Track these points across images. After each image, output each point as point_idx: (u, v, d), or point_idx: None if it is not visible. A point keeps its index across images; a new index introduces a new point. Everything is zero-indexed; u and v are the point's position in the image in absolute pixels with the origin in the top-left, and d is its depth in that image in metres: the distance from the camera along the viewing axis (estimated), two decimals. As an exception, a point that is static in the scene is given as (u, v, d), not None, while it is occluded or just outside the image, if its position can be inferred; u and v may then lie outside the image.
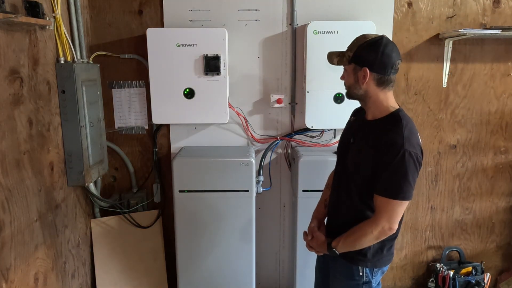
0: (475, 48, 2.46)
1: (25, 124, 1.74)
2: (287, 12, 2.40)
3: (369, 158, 1.45)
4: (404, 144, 1.39)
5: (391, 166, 1.40)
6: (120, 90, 2.49)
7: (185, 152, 2.40)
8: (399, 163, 1.39)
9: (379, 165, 1.43)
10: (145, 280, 2.53)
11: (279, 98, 2.46)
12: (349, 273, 1.60)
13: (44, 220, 1.91)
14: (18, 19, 1.55)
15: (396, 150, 1.39)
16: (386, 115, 1.49)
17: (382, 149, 1.42)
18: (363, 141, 1.53)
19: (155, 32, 2.25)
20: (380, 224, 1.44)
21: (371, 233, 1.46)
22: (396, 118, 1.47)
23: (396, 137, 1.41)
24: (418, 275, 2.80)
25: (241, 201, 2.27)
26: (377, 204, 1.46)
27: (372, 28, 2.25)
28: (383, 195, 1.43)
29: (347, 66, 1.52)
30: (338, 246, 1.55)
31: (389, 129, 1.45)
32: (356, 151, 1.54)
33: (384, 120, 1.49)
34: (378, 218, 1.45)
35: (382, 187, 1.44)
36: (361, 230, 1.49)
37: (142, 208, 2.59)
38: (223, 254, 2.34)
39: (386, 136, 1.43)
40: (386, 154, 1.40)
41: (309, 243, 1.69)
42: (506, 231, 2.73)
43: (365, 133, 1.54)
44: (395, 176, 1.41)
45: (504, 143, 2.61)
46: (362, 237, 1.48)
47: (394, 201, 1.42)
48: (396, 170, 1.40)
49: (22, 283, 1.71)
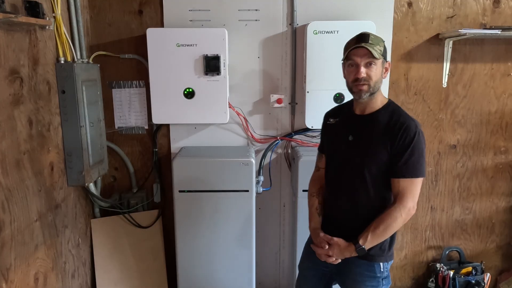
0: (475, 48, 2.46)
1: (25, 124, 1.74)
2: (287, 12, 2.40)
3: (385, 146, 1.51)
4: (416, 125, 1.51)
5: (410, 147, 1.48)
6: (120, 90, 2.49)
7: (185, 152, 2.40)
8: (416, 143, 1.48)
9: (398, 149, 1.49)
10: (145, 280, 2.53)
11: (279, 98, 2.46)
12: (371, 271, 1.62)
13: (44, 220, 1.91)
14: (18, 19, 1.55)
15: (412, 132, 1.48)
16: (385, 104, 1.58)
17: (398, 134, 1.49)
18: (369, 134, 1.56)
19: (155, 32, 2.24)
20: (407, 206, 1.50)
21: (400, 216, 1.50)
22: (396, 105, 1.59)
23: (408, 121, 1.51)
24: (418, 275, 2.80)
25: (241, 201, 2.27)
26: (401, 187, 1.51)
27: (372, 28, 2.25)
28: (406, 176, 1.50)
29: (379, 60, 1.51)
30: (366, 242, 1.54)
31: (396, 115, 1.54)
32: (365, 144, 1.56)
33: (386, 109, 1.57)
34: (404, 199, 1.50)
35: (404, 169, 1.49)
36: (390, 217, 1.51)
37: (142, 208, 2.59)
38: (223, 254, 2.34)
39: (399, 122, 1.51)
40: (404, 137, 1.48)
41: (327, 253, 1.61)
42: (506, 231, 2.73)
43: (367, 125, 1.57)
44: (415, 156, 1.48)
45: (504, 143, 2.61)
46: (393, 223, 1.51)
47: (417, 180, 1.50)
48: (415, 149, 1.48)
49: (22, 283, 1.71)
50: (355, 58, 1.51)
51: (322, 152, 1.79)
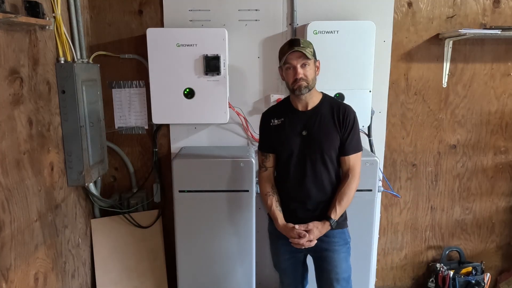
0: (475, 48, 2.46)
1: (25, 124, 1.74)
2: (287, 12, 2.40)
3: (336, 132, 1.77)
4: (351, 108, 1.80)
5: (353, 127, 1.78)
6: (120, 90, 2.49)
7: (185, 152, 2.40)
8: (356, 123, 1.80)
9: (345, 132, 1.77)
10: (145, 280, 2.53)
11: (279, 98, 2.46)
12: (343, 239, 1.86)
13: (44, 220, 1.91)
14: (18, 19, 1.55)
15: (352, 114, 1.79)
16: (321, 98, 1.83)
17: (343, 119, 1.77)
18: (320, 125, 1.78)
19: (155, 32, 2.25)
20: (358, 176, 1.81)
21: (355, 186, 1.79)
22: (329, 95, 1.87)
23: (345, 107, 1.80)
24: (418, 275, 2.80)
25: (241, 201, 2.27)
26: (352, 162, 1.80)
27: (372, 28, 2.25)
28: (354, 152, 1.79)
29: (311, 60, 1.73)
30: (336, 215, 1.78)
31: (335, 103, 1.82)
32: (320, 135, 1.78)
33: (325, 101, 1.82)
34: (356, 172, 1.80)
35: (351, 147, 1.79)
36: (349, 189, 1.78)
37: (142, 208, 2.59)
38: (223, 254, 2.34)
39: (340, 109, 1.78)
40: (348, 120, 1.77)
41: (308, 239, 1.74)
42: (506, 231, 2.73)
43: (315, 118, 1.79)
44: (357, 134, 1.80)
45: (504, 143, 2.61)
46: (351, 193, 1.79)
47: (360, 153, 1.82)
48: (356, 128, 1.80)
49: (22, 283, 1.71)
50: (291, 61, 1.72)
51: (268, 152, 1.90)
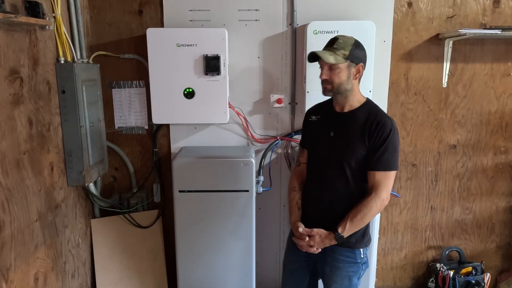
0: (475, 48, 2.46)
1: (25, 124, 1.74)
2: (287, 12, 2.40)
3: (363, 141, 1.63)
4: (391, 122, 1.64)
5: (386, 143, 1.61)
6: (120, 90, 2.49)
7: (185, 152, 2.40)
8: (391, 139, 1.61)
9: (374, 145, 1.62)
10: (145, 280, 2.53)
11: (279, 98, 2.46)
12: (352, 258, 1.73)
13: (44, 220, 1.91)
14: (18, 19, 1.55)
15: (388, 128, 1.61)
16: (363, 103, 1.70)
17: (375, 131, 1.61)
18: (348, 130, 1.67)
19: (155, 32, 2.24)
20: (381, 197, 1.63)
21: (375, 206, 1.63)
22: (374, 104, 1.72)
23: (384, 118, 1.64)
24: (418, 275, 2.80)
25: (241, 201, 2.27)
26: (376, 179, 1.63)
27: (372, 28, 2.25)
28: (382, 169, 1.63)
29: (343, 64, 1.63)
30: (345, 231, 1.65)
31: (373, 113, 1.66)
32: (345, 140, 1.67)
33: (364, 108, 1.69)
34: (379, 191, 1.63)
35: (380, 163, 1.62)
36: (366, 207, 1.63)
37: (142, 208, 2.59)
38: (223, 254, 2.34)
39: (376, 119, 1.63)
40: (380, 133, 1.61)
41: (308, 244, 1.71)
42: (506, 231, 2.73)
43: (347, 123, 1.69)
44: (389, 151, 1.62)
45: (504, 143, 2.61)
46: (369, 212, 1.63)
47: (391, 173, 1.64)
48: (389, 145, 1.61)
49: (22, 283, 1.71)
50: (320, 61, 1.66)
51: (304, 148, 1.88)
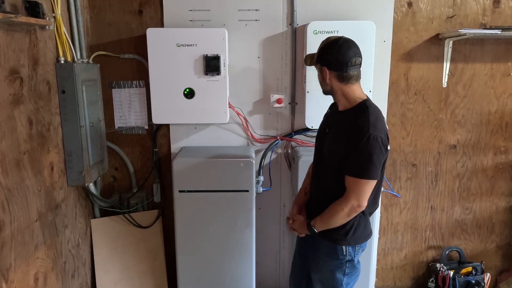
0: (475, 48, 2.46)
1: (25, 124, 1.74)
2: (287, 12, 2.40)
3: (342, 143, 1.62)
4: (369, 129, 1.55)
5: (358, 148, 1.56)
6: (120, 90, 2.49)
7: (185, 152, 2.40)
8: (365, 145, 1.55)
9: (349, 149, 1.58)
10: (145, 280, 2.53)
11: (279, 98, 2.46)
12: (333, 253, 1.74)
13: (44, 220, 1.91)
14: (18, 19, 1.55)
15: (362, 134, 1.55)
16: (355, 105, 1.66)
17: (351, 134, 1.59)
18: (337, 129, 1.69)
19: (155, 32, 2.24)
20: (349, 202, 1.60)
21: (342, 210, 1.61)
22: (363, 107, 1.64)
23: (362, 123, 1.58)
24: (418, 275, 2.80)
25: (241, 201, 2.27)
26: (347, 183, 1.61)
27: (372, 28, 2.25)
28: (351, 175, 1.59)
29: (316, 66, 1.71)
30: (316, 224, 1.70)
31: (357, 116, 1.62)
32: (332, 139, 1.70)
33: (353, 110, 1.66)
34: (348, 196, 1.60)
35: (350, 168, 1.59)
36: (334, 208, 1.64)
37: (142, 208, 2.59)
38: (223, 254, 2.34)
39: (355, 123, 1.60)
40: (355, 138, 1.57)
41: (291, 226, 1.84)
42: (506, 231, 2.73)
43: (338, 122, 1.71)
44: (361, 158, 1.56)
45: (504, 143, 2.61)
46: (335, 214, 1.63)
47: (361, 180, 1.58)
48: (362, 152, 1.56)
49: (22, 283, 1.71)
50: None
51: None
